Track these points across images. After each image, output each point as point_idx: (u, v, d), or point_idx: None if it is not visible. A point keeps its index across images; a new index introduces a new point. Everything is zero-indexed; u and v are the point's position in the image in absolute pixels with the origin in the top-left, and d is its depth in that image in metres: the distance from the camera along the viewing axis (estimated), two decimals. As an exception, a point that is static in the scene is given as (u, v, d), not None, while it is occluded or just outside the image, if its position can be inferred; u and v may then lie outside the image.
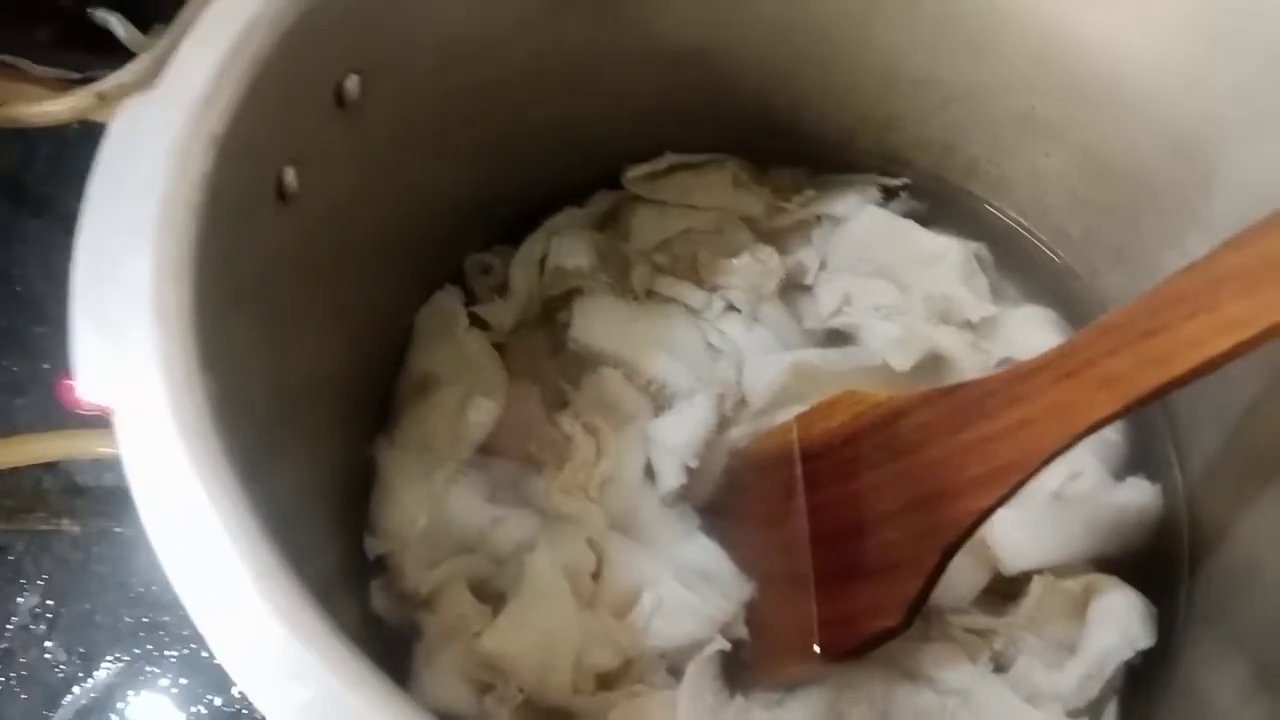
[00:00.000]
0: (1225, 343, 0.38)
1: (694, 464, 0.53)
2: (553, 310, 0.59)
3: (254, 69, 0.38)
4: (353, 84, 0.44)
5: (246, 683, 0.29)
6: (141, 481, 0.31)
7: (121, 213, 0.35)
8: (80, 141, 0.74)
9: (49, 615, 0.61)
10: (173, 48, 0.72)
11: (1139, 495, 0.53)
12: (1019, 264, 0.60)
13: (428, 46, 0.47)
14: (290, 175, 0.42)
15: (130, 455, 0.31)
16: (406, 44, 0.46)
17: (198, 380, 0.33)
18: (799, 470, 0.51)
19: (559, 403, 0.56)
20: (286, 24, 0.39)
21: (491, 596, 0.51)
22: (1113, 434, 0.54)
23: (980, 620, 0.50)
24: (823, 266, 0.59)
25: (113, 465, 0.64)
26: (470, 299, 0.58)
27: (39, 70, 0.75)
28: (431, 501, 0.52)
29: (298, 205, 0.42)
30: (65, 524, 0.63)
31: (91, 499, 0.64)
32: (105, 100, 0.71)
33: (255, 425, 0.38)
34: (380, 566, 0.52)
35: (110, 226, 0.35)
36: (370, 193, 0.48)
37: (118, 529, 0.63)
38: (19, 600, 0.61)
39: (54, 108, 0.71)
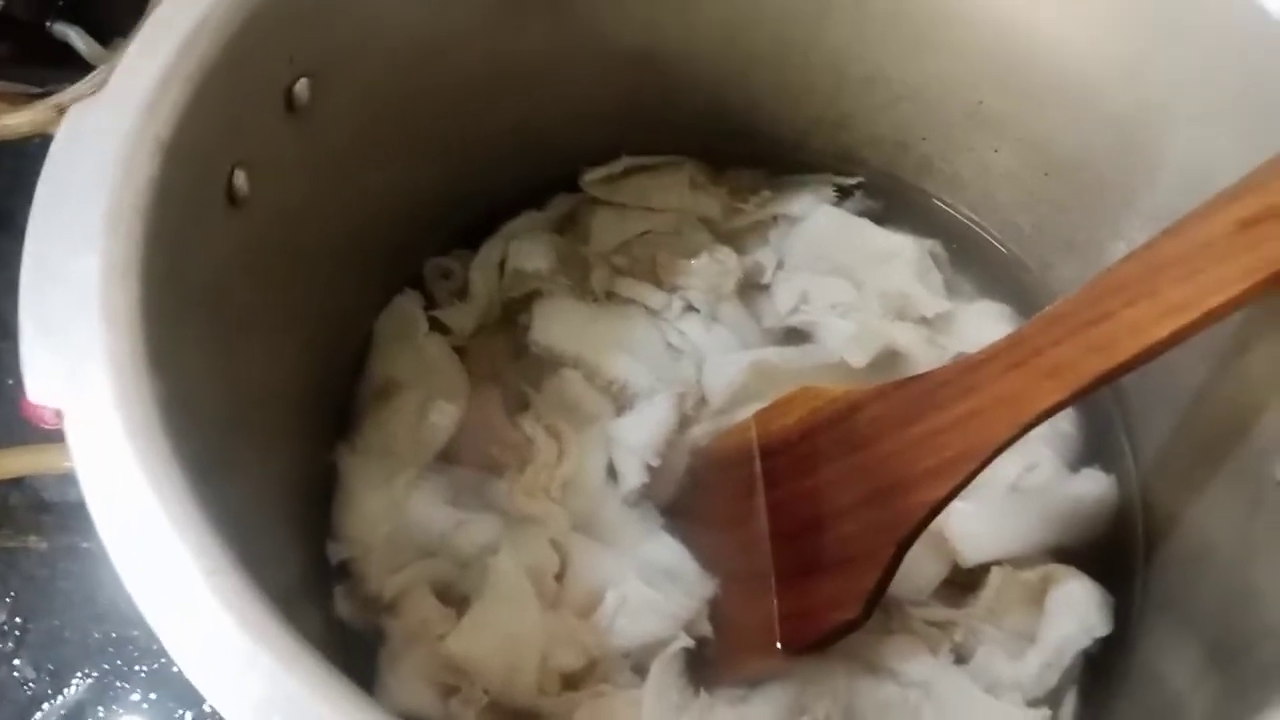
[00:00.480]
0: (1165, 328, 0.39)
1: (655, 463, 0.54)
2: (513, 313, 0.59)
3: (200, 73, 0.39)
4: (302, 88, 0.44)
5: (200, 679, 0.29)
6: (92, 481, 0.31)
7: (68, 216, 0.35)
8: (41, 155, 0.73)
9: (16, 632, 0.60)
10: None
11: (1094, 485, 0.53)
12: (972, 259, 0.61)
13: (379, 51, 0.48)
14: (240, 179, 0.42)
15: (80, 455, 0.31)
16: (357, 48, 0.46)
17: (146, 381, 0.33)
18: (758, 467, 0.52)
19: (520, 405, 0.56)
20: (232, 29, 0.40)
21: (455, 600, 0.51)
22: (1067, 425, 0.55)
23: (940, 612, 0.50)
24: (780, 266, 0.60)
25: (79, 481, 0.64)
26: (430, 303, 0.58)
27: (-1, 85, 0.75)
28: (394, 506, 0.52)
29: (249, 209, 0.42)
30: (32, 540, 0.63)
31: (58, 515, 0.64)
32: (64, 113, 0.71)
33: (208, 429, 0.38)
34: (343, 572, 0.52)
35: (57, 230, 0.35)
36: (324, 197, 0.49)
37: (85, 545, 0.63)
38: (-13, 617, 0.61)
39: (12, 121, 0.70)
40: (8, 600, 0.61)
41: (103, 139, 0.36)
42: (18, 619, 0.61)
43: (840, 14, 0.54)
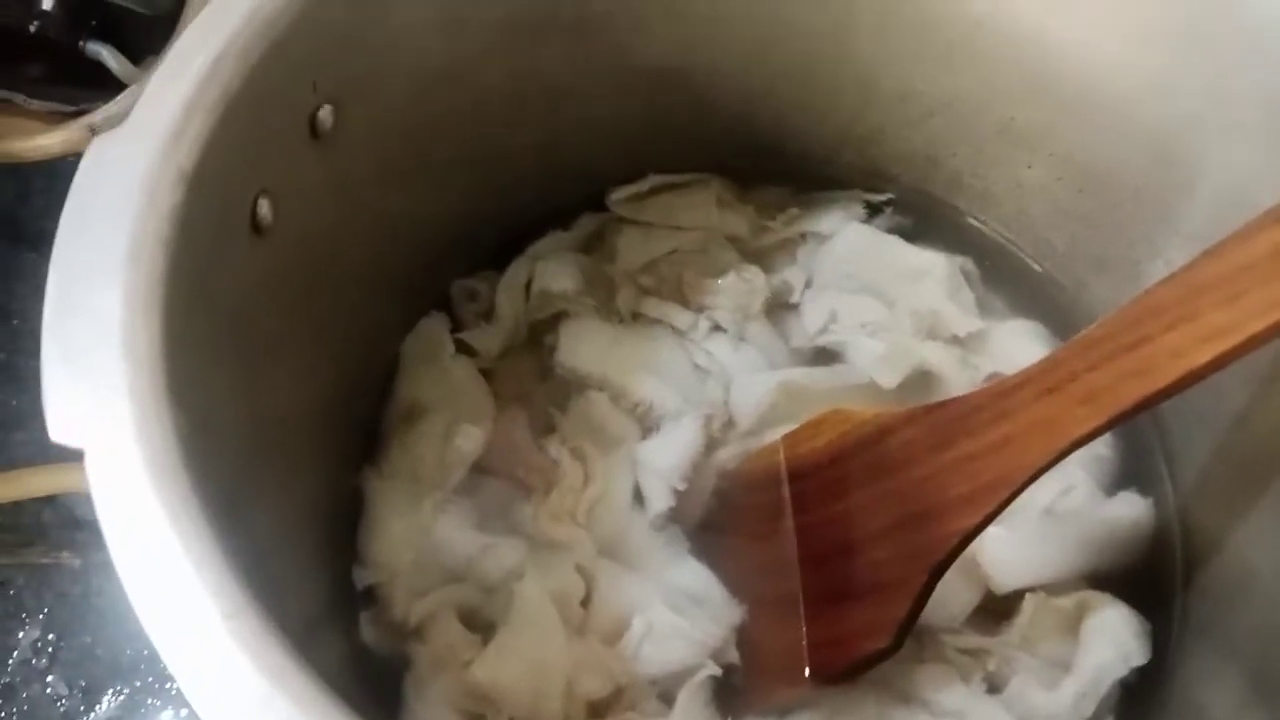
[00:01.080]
0: (1207, 353, 0.38)
1: (682, 487, 0.53)
2: (539, 334, 0.59)
3: (223, 102, 0.38)
4: (326, 114, 0.44)
5: (216, 720, 0.29)
6: (110, 519, 0.31)
7: (91, 248, 0.35)
8: (74, 174, 0.75)
9: (50, 649, 0.61)
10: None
11: (1131, 509, 0.52)
12: (1005, 277, 0.60)
13: (400, 75, 0.47)
14: (265, 207, 0.41)
15: (99, 493, 0.31)
16: (378, 73, 0.46)
17: (168, 415, 0.33)
18: (786, 491, 0.51)
19: (546, 428, 0.56)
20: (255, 57, 0.39)
21: (481, 625, 0.51)
22: (1103, 448, 0.54)
23: (973, 640, 0.50)
24: (808, 284, 0.59)
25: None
26: (456, 325, 0.58)
27: (33, 105, 0.76)
28: (420, 531, 0.52)
29: (273, 237, 0.42)
30: (65, 557, 0.64)
31: (92, 532, 0.64)
32: (97, 133, 0.71)
33: (232, 457, 0.38)
34: (369, 597, 0.52)
35: (80, 261, 0.35)
36: (348, 222, 0.48)
37: (118, 561, 0.63)
38: (20, 635, 0.61)
39: (47, 142, 0.72)
40: (41, 617, 0.62)
41: (126, 170, 0.36)
42: (50, 635, 0.61)
43: (867, 29, 0.53)
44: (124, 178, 0.36)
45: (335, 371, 0.51)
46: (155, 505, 0.31)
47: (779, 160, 0.61)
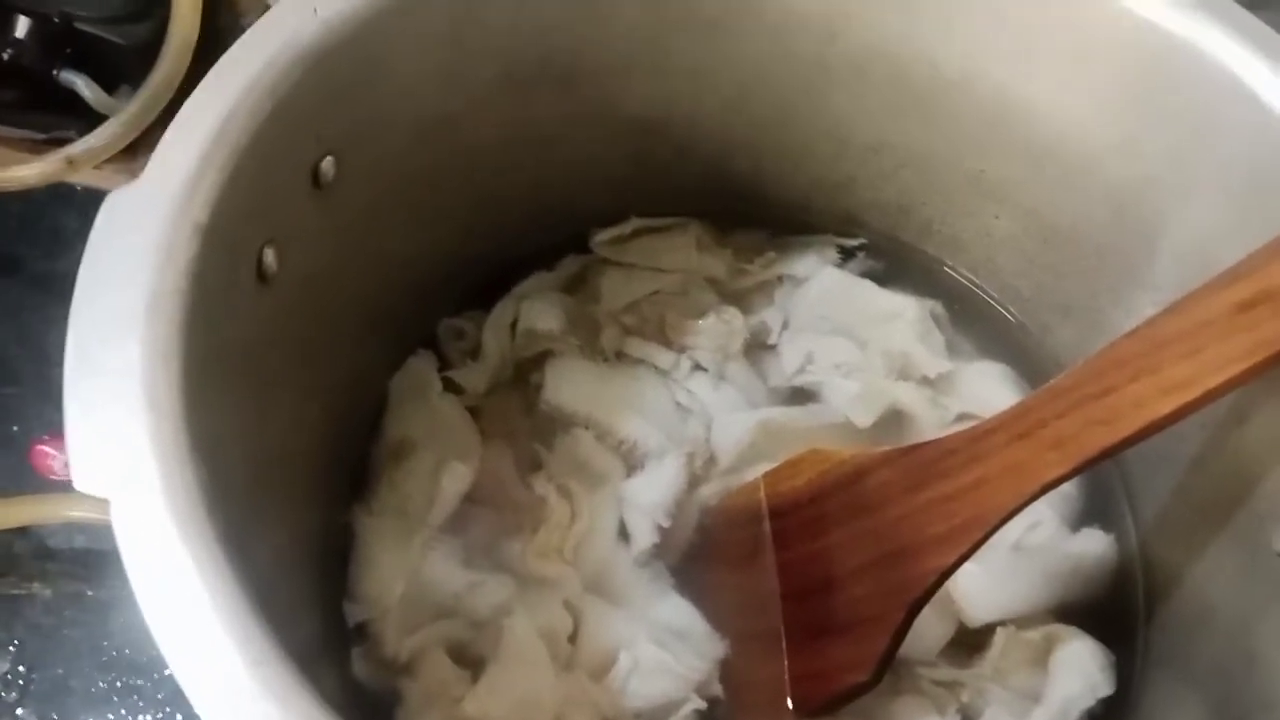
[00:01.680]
0: (1168, 405, 0.40)
1: (666, 524, 0.54)
2: (525, 373, 0.60)
3: (234, 158, 0.39)
4: (328, 165, 0.45)
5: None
6: (139, 571, 0.32)
7: (109, 302, 0.36)
8: (49, 202, 0.75)
9: (20, 681, 0.61)
10: (143, 114, 0.74)
11: (1095, 545, 0.54)
12: (973, 321, 0.62)
13: (398, 123, 0.49)
14: (270, 256, 0.43)
15: (126, 544, 0.32)
16: (378, 124, 0.48)
17: (189, 463, 0.34)
18: (767, 527, 0.52)
19: (533, 465, 0.57)
20: (264, 113, 0.41)
21: (471, 661, 0.51)
22: (1068, 486, 0.55)
23: (947, 672, 0.51)
24: (785, 326, 0.61)
25: (84, 528, 0.64)
26: (443, 364, 0.59)
27: (3, 131, 0.76)
28: (409, 568, 0.52)
29: (276, 284, 0.43)
30: (37, 588, 0.63)
31: (63, 562, 0.64)
32: (74, 165, 0.72)
33: (239, 502, 0.39)
34: (360, 633, 0.52)
35: (98, 316, 0.36)
36: (344, 266, 0.50)
37: (90, 592, 0.63)
38: (-10, 666, 0.61)
39: (24, 173, 0.71)
40: (11, 649, 0.62)
41: (141, 224, 0.37)
42: (21, 668, 0.61)
43: (841, 84, 0.55)
44: (140, 233, 0.37)
45: (326, 410, 0.52)
46: (183, 555, 0.32)
47: (756, 205, 0.63)
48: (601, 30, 0.51)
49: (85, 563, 0.64)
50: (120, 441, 0.33)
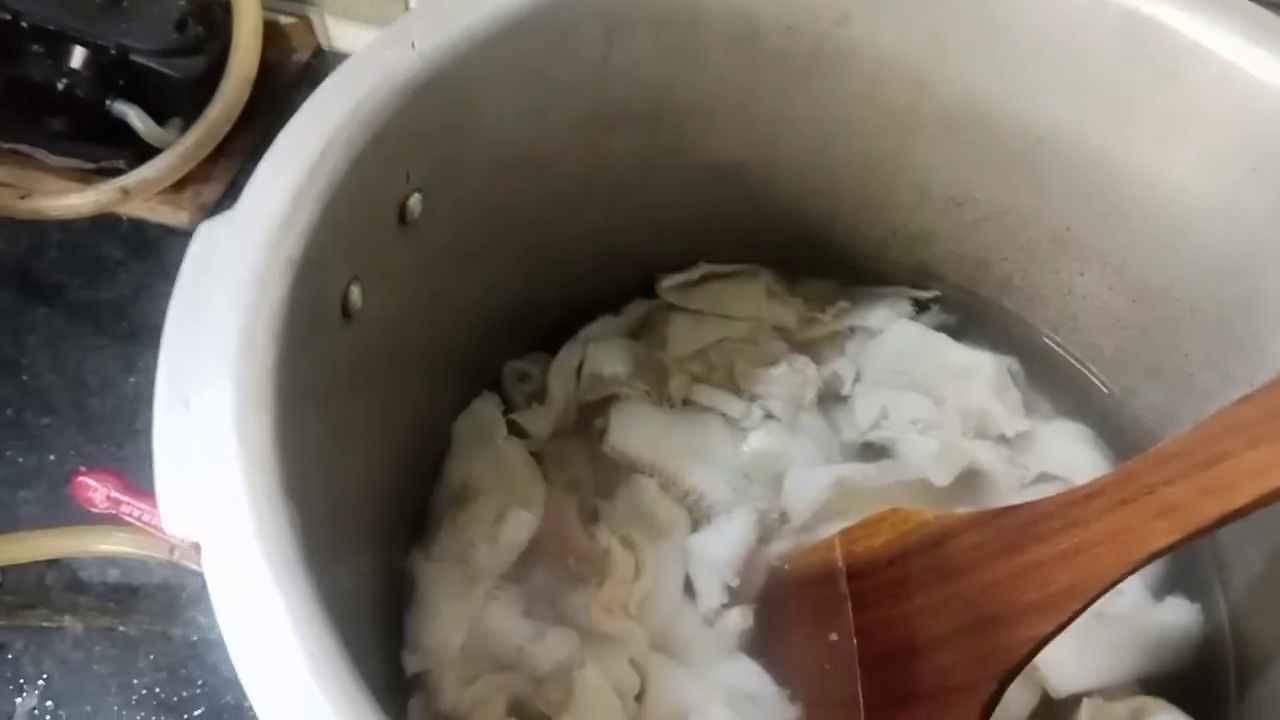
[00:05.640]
0: (1291, 474, 0.38)
1: (735, 582, 0.53)
2: (589, 418, 0.59)
3: (328, 192, 0.39)
4: (415, 202, 0.44)
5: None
6: (230, 618, 0.30)
7: (202, 339, 0.35)
8: (91, 230, 0.75)
9: (48, 717, 0.59)
10: (199, 147, 0.73)
11: (1180, 615, 0.53)
12: (1050, 379, 0.60)
13: (484, 162, 0.48)
14: (355, 293, 0.42)
15: (218, 588, 0.30)
16: (465, 160, 0.47)
17: (282, 508, 0.32)
18: (845, 588, 0.51)
19: (595, 514, 0.56)
20: (359, 147, 0.40)
21: (531, 716, 0.50)
22: (1154, 552, 0.54)
23: (1031, 745, 0.50)
24: (858, 379, 0.60)
25: (118, 562, 0.63)
26: (507, 406, 0.58)
27: (54, 160, 0.76)
28: (470, 617, 0.51)
29: (358, 321, 0.42)
30: (67, 621, 0.62)
31: (95, 596, 0.63)
32: (129, 195, 0.71)
33: (319, 546, 0.37)
34: (417, 684, 0.51)
35: (189, 353, 0.34)
36: (421, 305, 0.49)
37: (121, 628, 0.62)
38: (17, 701, 0.59)
39: (77, 201, 0.71)
40: (40, 683, 0.60)
41: (235, 259, 0.36)
42: (49, 703, 0.59)
43: (930, 136, 0.54)
44: (233, 266, 0.36)
45: (395, 451, 0.51)
46: (276, 600, 0.30)
47: (826, 252, 0.62)
48: (690, 70, 0.51)
49: (117, 597, 0.63)
50: (212, 484, 0.32)
